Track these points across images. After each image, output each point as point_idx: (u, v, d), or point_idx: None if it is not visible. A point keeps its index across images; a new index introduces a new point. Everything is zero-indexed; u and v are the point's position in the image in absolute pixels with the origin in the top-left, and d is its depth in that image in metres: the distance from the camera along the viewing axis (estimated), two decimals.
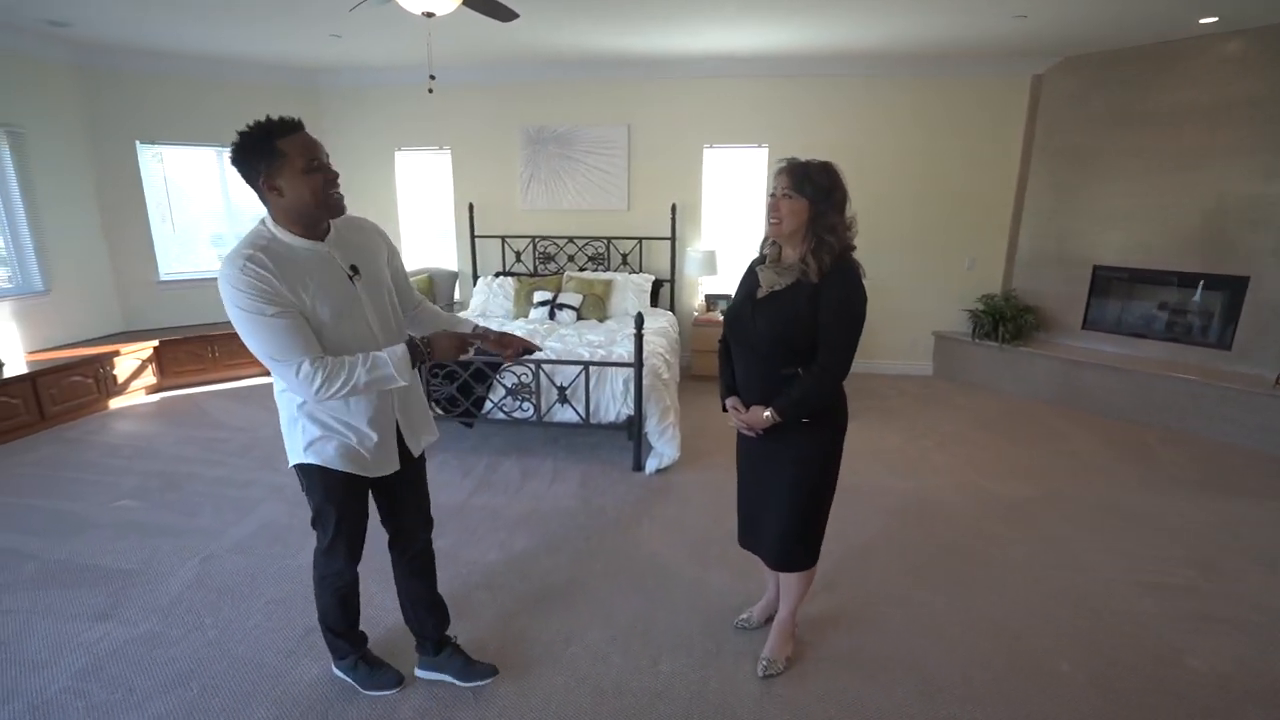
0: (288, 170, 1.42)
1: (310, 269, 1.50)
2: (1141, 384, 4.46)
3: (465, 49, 4.83)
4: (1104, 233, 4.80)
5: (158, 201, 5.33)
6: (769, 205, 1.80)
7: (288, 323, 1.43)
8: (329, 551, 1.80)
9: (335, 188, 1.49)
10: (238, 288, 1.40)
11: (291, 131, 1.43)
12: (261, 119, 1.41)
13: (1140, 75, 4.47)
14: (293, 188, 1.43)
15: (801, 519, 1.94)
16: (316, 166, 1.44)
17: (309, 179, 1.43)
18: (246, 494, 3.32)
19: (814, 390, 1.78)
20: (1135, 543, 2.91)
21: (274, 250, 1.46)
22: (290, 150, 1.41)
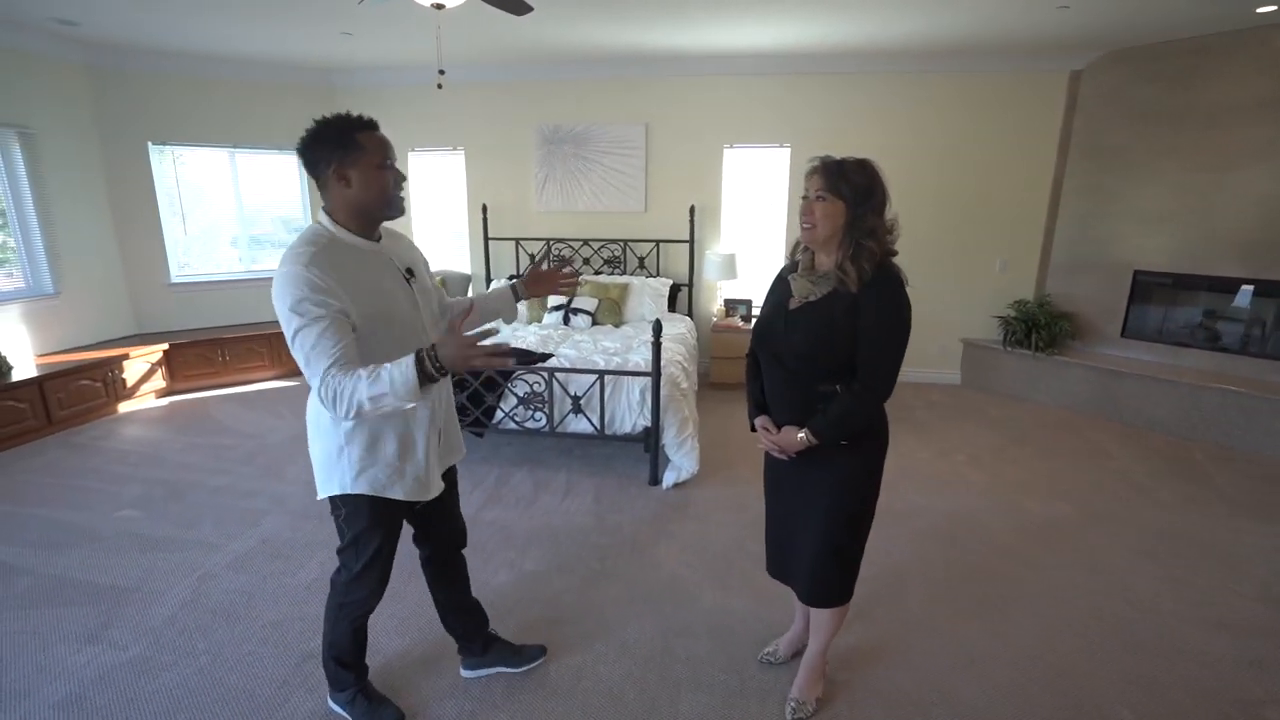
0: (362, 163, 1.43)
1: (371, 268, 1.49)
2: (1187, 396, 4.21)
3: (479, 47, 4.71)
4: (1145, 236, 4.55)
5: (172, 203, 5.27)
6: (802, 209, 1.64)
7: (327, 326, 1.36)
8: (357, 580, 1.71)
9: (400, 189, 1.51)
10: (295, 285, 1.37)
11: (370, 128, 1.46)
12: (340, 113, 1.46)
13: (1189, 69, 4.23)
14: (363, 181, 1.44)
15: (836, 550, 1.77)
16: (389, 165, 1.47)
17: (380, 175, 1.45)
18: (249, 505, 3.21)
19: (854, 411, 1.62)
20: (1191, 571, 2.70)
21: (335, 248, 1.45)
22: (368, 144, 1.44)
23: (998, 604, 2.45)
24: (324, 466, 1.61)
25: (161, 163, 5.18)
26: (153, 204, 5.11)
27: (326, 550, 2.79)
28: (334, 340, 1.36)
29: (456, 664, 2.09)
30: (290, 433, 4.20)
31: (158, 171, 5.12)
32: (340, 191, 1.46)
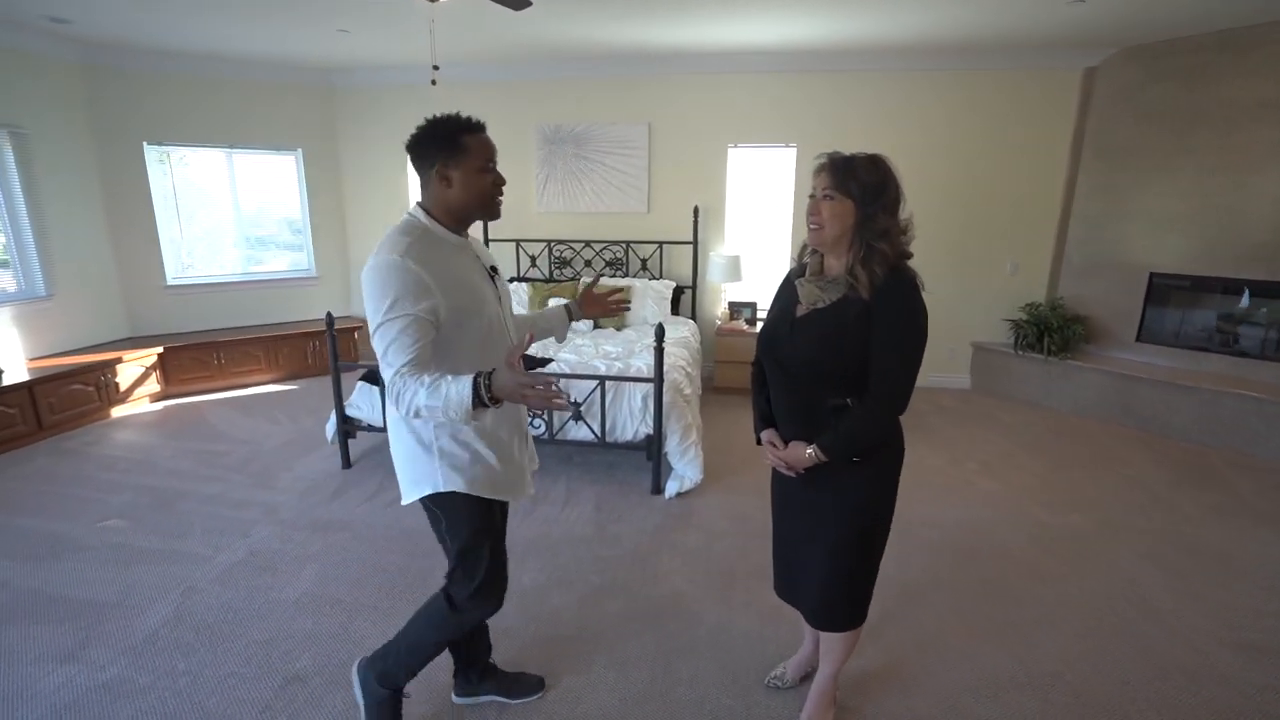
0: (465, 165, 1.44)
1: (461, 262, 1.50)
2: (1205, 402, 4.09)
3: (478, 46, 4.62)
4: (1161, 237, 4.43)
5: (168, 204, 5.19)
6: (809, 208, 1.54)
7: (409, 324, 1.36)
8: (480, 594, 1.63)
9: (500, 193, 1.52)
10: (387, 275, 1.36)
11: (476, 131, 1.46)
12: (448, 114, 1.46)
13: (1208, 65, 4.11)
14: (464, 183, 1.46)
15: (848, 572, 1.66)
16: (491, 168, 1.48)
17: (482, 177, 1.47)
18: (240, 515, 3.11)
19: (867, 426, 1.51)
20: (1216, 588, 2.58)
21: (429, 240, 1.46)
22: (473, 147, 1.45)
23: (1015, 622, 2.34)
24: (411, 464, 1.56)
25: (164, 163, 5.11)
26: (148, 205, 5.04)
27: (317, 564, 2.70)
28: (413, 339, 1.36)
29: (447, 688, 1.99)
30: (286, 438, 4.11)
31: (153, 172, 5.05)
32: (441, 191, 1.47)
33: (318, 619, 2.34)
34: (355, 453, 3.80)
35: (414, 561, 2.72)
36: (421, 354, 1.37)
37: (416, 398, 1.32)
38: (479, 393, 1.27)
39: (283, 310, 5.68)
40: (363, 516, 3.11)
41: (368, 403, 3.60)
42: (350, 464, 3.68)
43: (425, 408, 1.31)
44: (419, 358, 1.36)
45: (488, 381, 1.28)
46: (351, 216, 5.88)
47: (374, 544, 2.87)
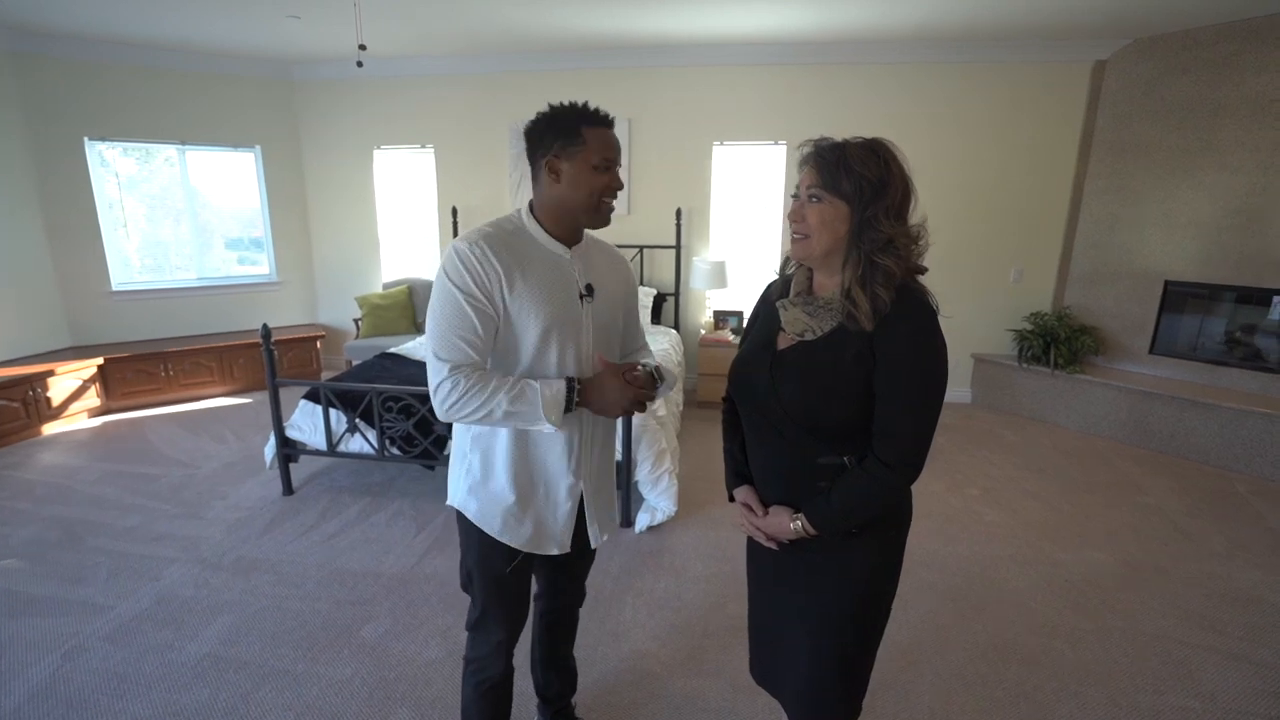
0: (579, 159, 1.28)
1: (547, 270, 1.33)
2: (1227, 422, 3.77)
3: (445, 35, 4.29)
4: (1177, 242, 4.12)
5: (113, 204, 4.85)
6: (791, 211, 1.20)
7: (476, 316, 1.26)
8: (478, 628, 1.51)
9: (612, 197, 1.34)
10: (455, 261, 1.26)
11: (600, 124, 1.30)
12: (578, 103, 1.30)
13: (1228, 58, 3.80)
14: (573, 178, 1.29)
15: (840, 658, 1.30)
16: (607, 168, 1.30)
17: (595, 176, 1.29)
18: (154, 553, 2.77)
19: (869, 496, 1.16)
20: (1256, 645, 2.25)
21: (517, 237, 1.33)
22: (592, 141, 1.28)
23: (1031, 694, 2.01)
24: (454, 466, 1.47)
25: (101, 160, 4.76)
26: (90, 205, 4.69)
27: (230, 614, 2.36)
28: (470, 336, 1.26)
29: None
30: (228, 460, 3.77)
31: (96, 170, 4.71)
32: (549, 184, 1.32)
33: (215, 689, 2.00)
34: (298, 478, 3.46)
35: (340, 611, 2.38)
36: (483, 352, 1.28)
37: (494, 402, 1.24)
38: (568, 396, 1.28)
39: (240, 318, 5.33)
40: (294, 554, 2.77)
41: (310, 423, 3.26)
42: (292, 490, 3.34)
43: (504, 414, 1.25)
44: (482, 356, 1.28)
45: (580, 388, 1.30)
46: (315, 218, 5.53)
47: (300, 588, 2.53)
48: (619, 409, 1.32)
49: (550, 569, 1.66)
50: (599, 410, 1.34)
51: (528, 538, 1.42)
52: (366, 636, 2.25)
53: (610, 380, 1.32)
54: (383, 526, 3.01)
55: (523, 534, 1.41)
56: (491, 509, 1.40)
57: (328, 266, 5.61)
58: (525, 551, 1.43)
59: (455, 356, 1.26)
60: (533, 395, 1.26)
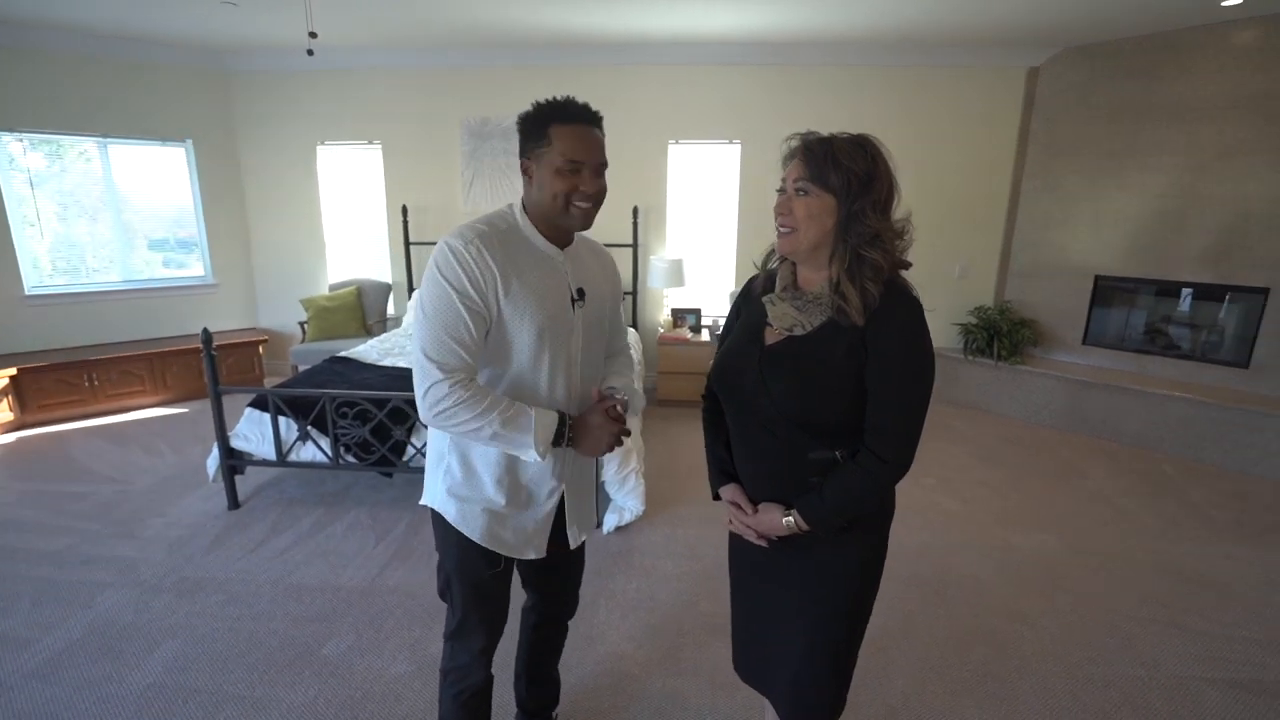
0: (545, 161, 1.24)
1: (540, 272, 1.29)
2: (1154, 406, 4.03)
3: (394, 27, 4.14)
4: (1105, 239, 4.38)
5: (24, 201, 4.47)
6: (778, 205, 1.19)
7: (470, 316, 1.22)
8: (457, 636, 1.46)
9: (585, 201, 1.27)
10: (448, 259, 1.22)
11: (572, 121, 1.23)
12: (558, 98, 1.25)
13: (1149, 67, 4.06)
14: (541, 180, 1.26)
15: (831, 658, 1.31)
16: (574, 170, 1.24)
17: (558, 179, 1.23)
18: (85, 577, 2.56)
19: (863, 490, 1.17)
20: (1192, 614, 2.41)
21: (512, 237, 1.29)
22: (558, 141, 1.23)
23: (996, 674, 2.09)
24: (430, 467, 1.43)
25: (7, 155, 4.39)
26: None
27: (177, 639, 2.20)
28: (463, 337, 1.22)
29: None
30: (164, 474, 3.53)
31: (3, 166, 4.33)
32: (525, 186, 1.30)
33: None
34: (244, 490, 3.27)
35: (299, 629, 2.26)
36: (470, 351, 1.23)
37: (488, 419, 1.21)
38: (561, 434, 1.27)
39: (172, 322, 5.01)
40: (244, 571, 2.62)
41: (257, 432, 3.08)
42: (238, 503, 3.16)
43: (492, 434, 1.22)
44: (473, 365, 1.25)
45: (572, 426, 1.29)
46: (255, 216, 5.25)
47: (253, 607, 2.39)
48: (602, 448, 1.32)
49: (541, 578, 1.61)
50: (585, 450, 1.34)
51: (509, 542, 1.38)
52: (329, 655, 2.14)
53: (597, 419, 1.32)
54: (339, 538, 2.88)
55: (504, 538, 1.38)
56: (472, 512, 1.35)
57: (269, 268, 5.34)
58: (506, 557, 1.39)
59: (446, 358, 1.21)
60: (526, 423, 1.24)
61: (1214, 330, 4.14)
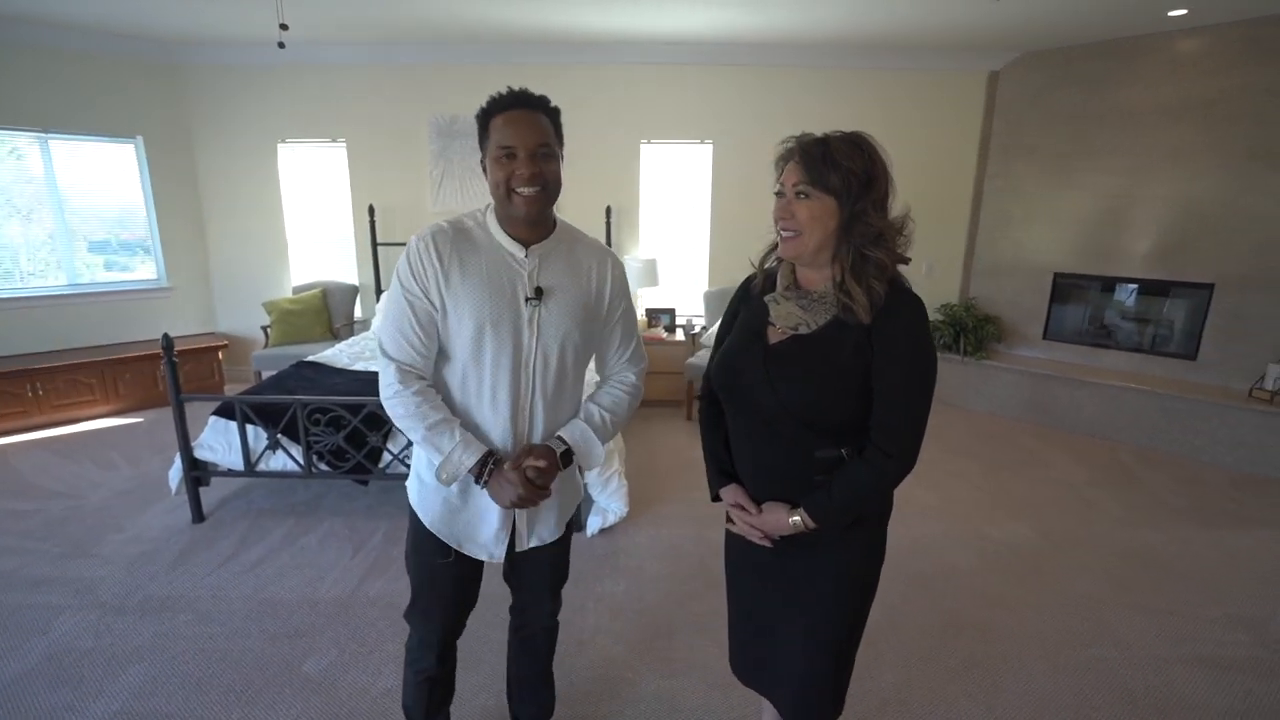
0: (489, 154, 1.25)
1: (487, 268, 1.27)
2: (1110, 398, 4.21)
3: (359, 21, 4.02)
4: (1062, 238, 4.55)
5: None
6: (778, 209, 1.18)
7: (413, 311, 1.26)
8: (410, 614, 1.52)
9: (524, 186, 1.22)
10: (406, 255, 1.28)
11: (507, 108, 1.22)
12: (504, 91, 1.24)
13: (1101, 73, 4.23)
14: (489, 175, 1.25)
15: (833, 658, 1.32)
16: (510, 156, 1.22)
17: (496, 168, 1.23)
18: (36, 600, 2.41)
19: (872, 486, 1.18)
20: (1161, 596, 2.52)
21: (468, 233, 1.29)
22: (494, 131, 1.23)
23: (981, 661, 2.14)
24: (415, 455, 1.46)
25: None
26: None
27: (144, 663, 2.09)
28: (407, 331, 1.27)
29: None
30: (120, 488, 3.36)
31: None
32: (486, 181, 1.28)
33: None
34: (209, 502, 3.14)
35: (276, 647, 2.17)
36: (425, 358, 1.29)
37: (408, 422, 1.26)
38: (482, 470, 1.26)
39: (124, 328, 4.77)
40: (214, 587, 2.50)
41: (223, 442, 2.96)
42: (203, 517, 3.02)
43: (418, 440, 1.27)
44: (423, 363, 1.29)
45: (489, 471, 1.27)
46: (212, 216, 5.04)
47: (226, 625, 2.28)
48: (505, 503, 1.29)
49: (515, 579, 1.57)
50: (492, 496, 1.31)
51: (456, 536, 1.39)
52: (310, 672, 2.06)
53: (512, 476, 1.26)
54: (314, 550, 2.78)
55: (453, 532, 1.38)
56: (431, 498, 1.38)
57: (228, 270, 5.13)
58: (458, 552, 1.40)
59: (397, 353, 1.28)
60: (445, 446, 1.26)
61: (1163, 325, 4.34)
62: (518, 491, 1.25)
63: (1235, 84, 3.78)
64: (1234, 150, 3.82)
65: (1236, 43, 3.75)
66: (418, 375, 1.29)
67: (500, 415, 1.30)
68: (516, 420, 1.31)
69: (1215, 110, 3.86)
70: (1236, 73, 3.77)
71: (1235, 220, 3.87)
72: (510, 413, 1.30)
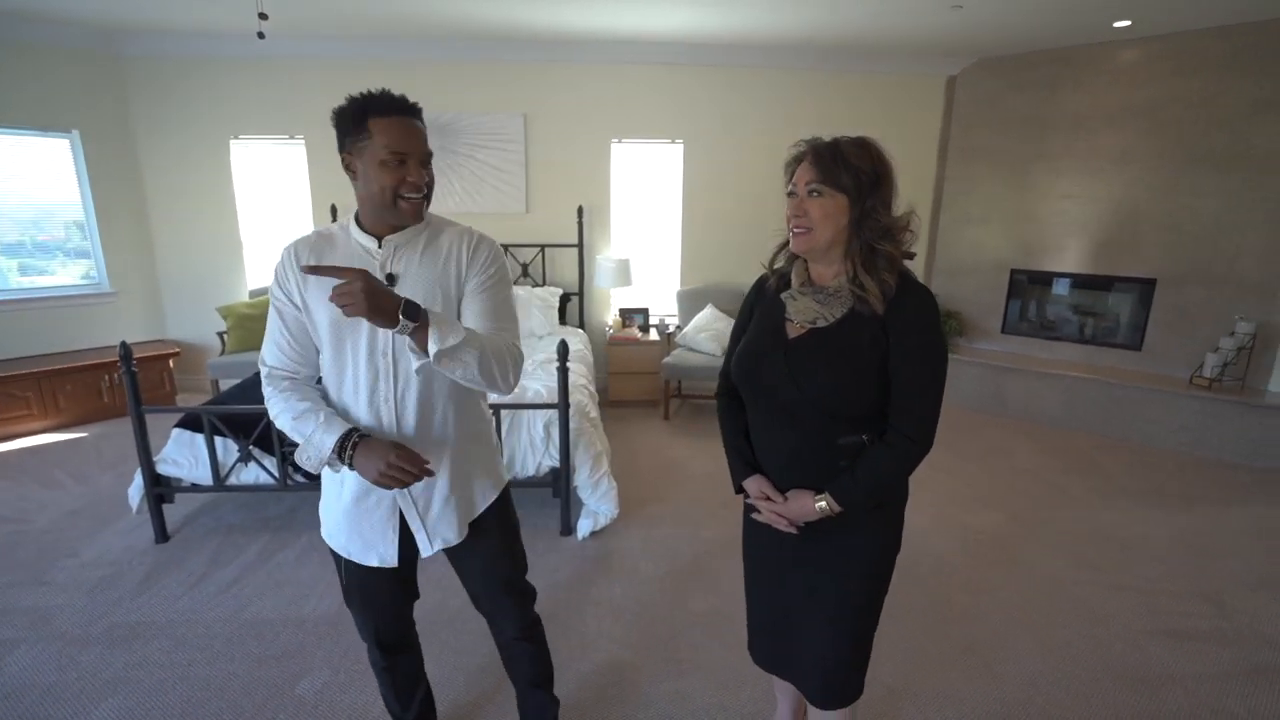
0: (367, 155, 1.21)
1: (337, 263, 1.25)
2: (1066, 388, 4.43)
3: (318, 12, 3.86)
4: (1017, 236, 4.77)
5: None
6: (790, 208, 1.25)
7: (281, 318, 1.32)
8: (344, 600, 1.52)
9: (413, 193, 1.23)
10: (276, 264, 1.32)
11: (390, 113, 1.21)
12: (374, 90, 1.21)
13: (1050, 79, 4.45)
14: (365, 176, 1.22)
15: (857, 636, 1.39)
16: (400, 162, 1.21)
17: (384, 172, 1.20)
18: None
19: (894, 469, 1.24)
20: (1129, 575, 2.67)
21: (331, 238, 1.31)
22: (378, 133, 1.19)
23: (973, 647, 2.22)
24: None
25: None
26: None
27: (119, 695, 1.95)
28: (278, 338, 1.32)
29: None
30: (70, 508, 3.13)
31: None
32: (352, 181, 1.27)
33: None
34: (173, 520, 2.96)
35: (264, 670, 2.07)
36: (285, 356, 1.32)
37: (280, 419, 1.29)
38: (341, 452, 1.22)
39: (62, 337, 4.46)
40: (188, 611, 2.36)
41: (188, 456, 2.79)
42: (167, 536, 2.85)
43: (290, 433, 1.28)
44: (282, 361, 1.32)
45: (353, 445, 1.22)
46: (158, 217, 4.76)
47: (205, 650, 2.16)
48: (371, 475, 1.20)
49: (467, 589, 1.55)
50: (360, 471, 1.22)
51: (345, 546, 1.40)
52: (304, 694, 1.97)
53: (372, 445, 1.21)
54: (293, 566, 2.66)
55: (339, 540, 1.41)
56: (330, 508, 1.41)
57: (178, 273, 4.85)
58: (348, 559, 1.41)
59: (270, 359, 1.33)
60: (307, 429, 1.25)
61: (1110, 318, 4.60)
62: (385, 458, 1.18)
63: (1172, 92, 4.03)
64: (1174, 154, 4.08)
65: (1174, 54, 4.00)
66: (285, 375, 1.32)
67: (361, 400, 1.30)
68: (375, 404, 1.29)
69: (1155, 116, 4.11)
70: (1173, 81, 4.02)
71: (1175, 220, 4.14)
72: (368, 396, 1.29)
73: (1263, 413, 3.79)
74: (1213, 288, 4.07)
